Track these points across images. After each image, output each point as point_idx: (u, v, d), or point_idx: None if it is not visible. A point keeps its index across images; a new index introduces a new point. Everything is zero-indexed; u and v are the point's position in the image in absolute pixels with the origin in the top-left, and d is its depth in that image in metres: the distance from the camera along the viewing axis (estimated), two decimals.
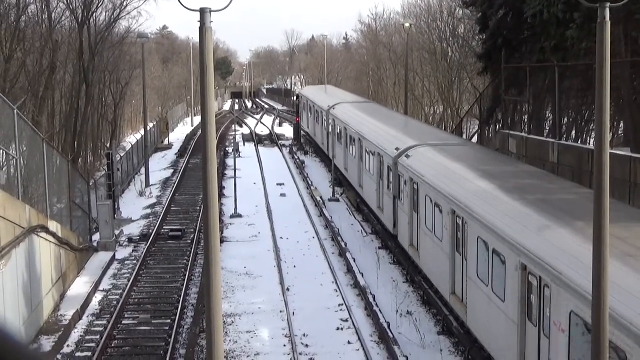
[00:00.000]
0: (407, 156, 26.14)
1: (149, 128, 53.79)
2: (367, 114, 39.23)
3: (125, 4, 53.82)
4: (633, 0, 10.29)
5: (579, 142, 33.84)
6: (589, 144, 32.21)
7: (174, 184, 45.20)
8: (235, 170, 40.64)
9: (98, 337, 21.37)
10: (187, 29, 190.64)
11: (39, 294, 21.60)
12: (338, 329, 21.94)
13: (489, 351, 17.64)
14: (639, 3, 23.19)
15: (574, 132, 35.56)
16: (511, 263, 15.71)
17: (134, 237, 32.95)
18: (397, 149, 27.55)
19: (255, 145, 63.55)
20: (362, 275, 25.82)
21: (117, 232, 32.80)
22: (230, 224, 35.33)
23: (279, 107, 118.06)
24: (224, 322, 21.80)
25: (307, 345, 20.76)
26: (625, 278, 12.01)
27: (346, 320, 22.47)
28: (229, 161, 51.47)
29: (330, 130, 44.59)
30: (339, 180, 42.09)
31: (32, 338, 20.58)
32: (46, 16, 47.26)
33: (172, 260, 29.45)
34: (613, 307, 10.91)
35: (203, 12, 9.46)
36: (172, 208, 38.81)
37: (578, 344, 12.85)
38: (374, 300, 23.27)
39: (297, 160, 53.46)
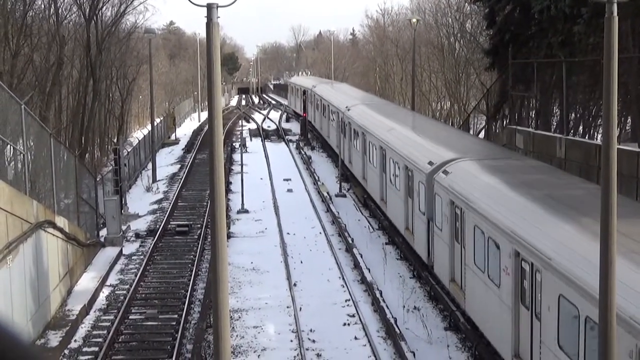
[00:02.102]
0: (349, 109, 41.22)
1: (155, 123, 53.83)
2: (334, 90, 56.29)
3: None
4: None
5: (587, 137, 33.77)
6: (597, 139, 32.14)
7: (181, 179, 45.24)
8: (242, 165, 40.64)
9: (105, 332, 21.42)
10: (194, 25, 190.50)
11: (46, 288, 21.65)
12: (345, 324, 21.95)
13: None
14: None
15: (581, 128, 35.50)
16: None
17: (141, 232, 33.00)
18: (346, 107, 42.27)
19: (262, 140, 63.53)
20: (369, 271, 25.83)
21: (124, 228, 32.86)
22: (237, 220, 35.34)
23: (285, 102, 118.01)
24: (231, 317, 21.83)
25: (313, 341, 20.78)
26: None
27: (353, 316, 22.48)
28: (236, 156, 51.48)
29: (313, 103, 60.79)
30: (346, 175, 42.17)
31: (39, 333, 20.64)
32: (53, 11, 47.28)
33: (179, 256, 29.49)
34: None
35: (210, 7, 9.45)
36: (179, 203, 38.85)
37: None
38: (381, 295, 23.27)
39: (304, 156, 53.45)
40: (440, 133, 30.92)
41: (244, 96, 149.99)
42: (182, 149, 60.85)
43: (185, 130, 77.13)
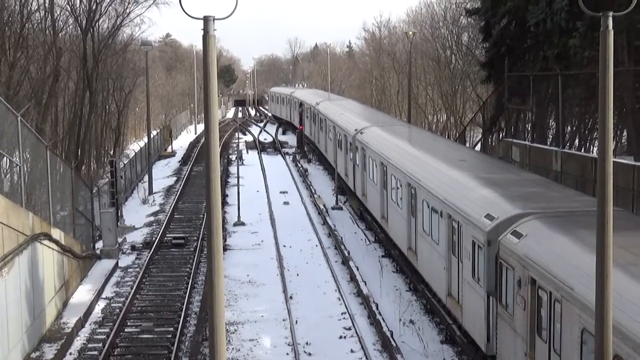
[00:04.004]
0: (318, 104, 56.31)
1: (152, 135, 53.83)
2: (307, 92, 76.02)
3: (128, 11, 53.91)
4: (636, 9, 10.27)
5: (582, 150, 33.81)
6: (592, 152, 32.18)
7: (177, 191, 45.21)
8: (238, 178, 40.66)
9: (100, 345, 21.36)
10: (190, 37, 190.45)
11: (42, 301, 21.59)
12: (341, 337, 21.91)
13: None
14: None
15: (577, 141, 35.53)
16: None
17: (137, 244, 32.95)
18: (316, 102, 57.32)
19: (258, 153, 63.58)
20: (365, 284, 25.80)
21: (120, 240, 32.80)
22: (234, 232, 35.32)
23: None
24: (227, 330, 21.80)
25: (309, 354, 20.74)
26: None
27: (349, 329, 22.44)
28: (232, 169, 51.50)
29: (291, 104, 75.88)
30: (342, 188, 42.19)
31: (34, 346, 20.57)
32: (50, 23, 47.31)
33: (175, 268, 29.45)
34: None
35: (206, 20, 9.43)
36: (175, 216, 38.81)
37: None
38: (377, 308, 23.24)
39: (300, 168, 53.47)
40: (365, 113, 48.63)
41: (240, 108, 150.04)
42: (179, 161, 60.86)
43: (181, 142, 77.17)
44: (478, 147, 45.30)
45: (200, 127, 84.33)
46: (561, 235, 15.04)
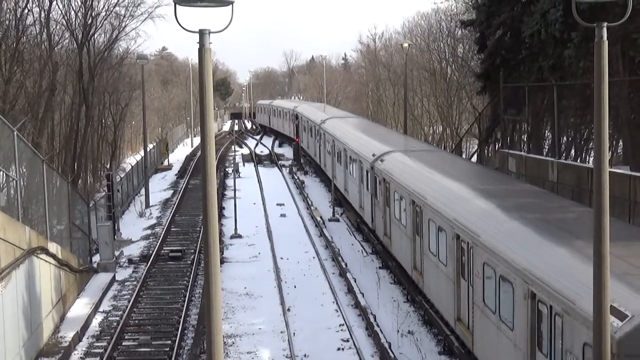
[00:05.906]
0: (296, 108, 68.28)
1: (148, 149, 53.83)
2: (285, 101, 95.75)
3: (123, 25, 54.02)
4: (630, 19, 10.36)
5: (578, 160, 33.88)
6: (588, 162, 32.25)
7: (174, 204, 45.18)
8: (235, 190, 40.64)
9: (98, 358, 21.33)
10: (186, 50, 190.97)
11: (39, 315, 21.55)
12: (339, 349, 21.89)
13: None
14: (635, 23, 23.32)
15: (573, 151, 35.60)
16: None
17: (134, 258, 32.92)
18: (294, 107, 69.69)
19: (255, 165, 63.58)
20: (363, 295, 25.79)
21: (117, 253, 32.78)
22: (230, 245, 35.29)
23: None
24: (225, 343, 21.75)
25: None
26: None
27: (347, 340, 22.42)
28: (229, 181, 51.49)
29: (272, 112, 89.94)
30: (339, 200, 42.21)
31: None
32: (45, 38, 47.37)
33: (172, 281, 29.41)
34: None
35: (202, 33, 9.48)
36: (172, 229, 38.78)
37: None
38: (375, 320, 23.23)
39: (297, 180, 53.49)
40: (327, 110, 62.48)
41: (236, 121, 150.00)
42: (175, 175, 60.82)
43: (178, 155, 77.15)
44: (474, 158, 45.33)
45: (197, 140, 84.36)
46: (402, 159, 29.03)
